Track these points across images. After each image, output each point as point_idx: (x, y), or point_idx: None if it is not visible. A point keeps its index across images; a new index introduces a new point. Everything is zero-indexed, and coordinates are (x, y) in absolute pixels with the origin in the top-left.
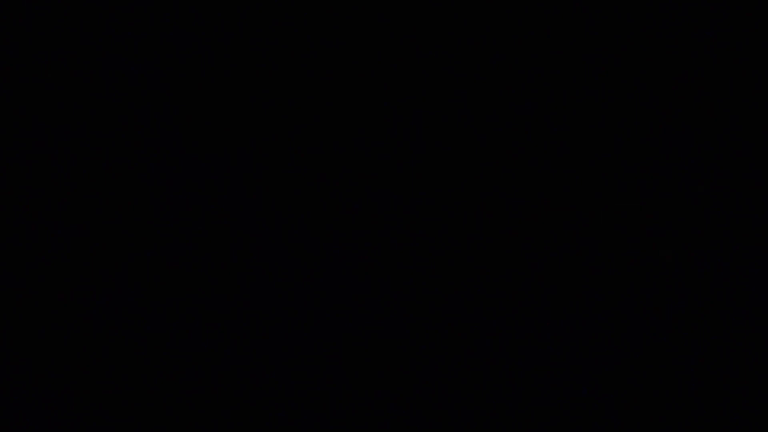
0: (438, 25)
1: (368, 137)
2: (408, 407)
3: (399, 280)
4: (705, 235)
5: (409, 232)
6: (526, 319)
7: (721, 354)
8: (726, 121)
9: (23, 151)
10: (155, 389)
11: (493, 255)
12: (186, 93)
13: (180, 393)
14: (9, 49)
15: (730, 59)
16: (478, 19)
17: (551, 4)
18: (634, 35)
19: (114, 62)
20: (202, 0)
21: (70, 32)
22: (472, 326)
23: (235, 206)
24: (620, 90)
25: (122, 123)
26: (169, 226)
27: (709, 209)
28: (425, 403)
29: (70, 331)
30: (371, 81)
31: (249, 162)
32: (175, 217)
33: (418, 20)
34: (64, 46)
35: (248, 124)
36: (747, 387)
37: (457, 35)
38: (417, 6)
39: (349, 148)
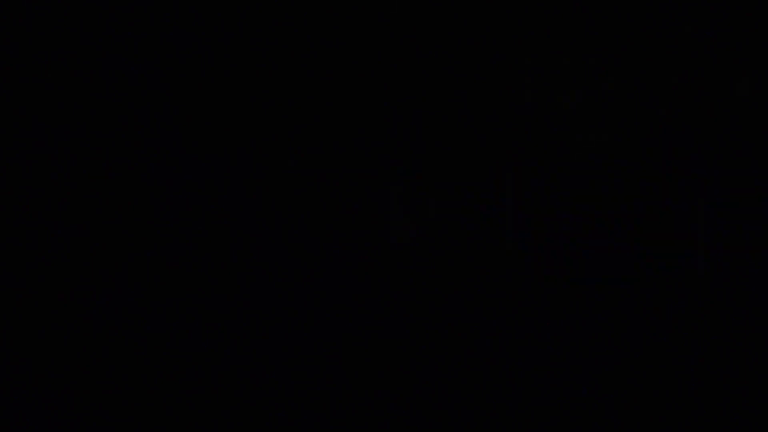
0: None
1: (366, 137)
2: (408, 407)
3: (399, 279)
4: (698, 237)
5: (408, 232)
6: (526, 320)
7: (720, 354)
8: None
9: (23, 151)
10: (155, 388)
11: (492, 255)
12: (186, 93)
13: (180, 392)
14: (9, 49)
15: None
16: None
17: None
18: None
19: (114, 62)
20: (202, 0)
21: (70, 32)
22: (473, 326)
23: (235, 206)
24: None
25: (122, 123)
26: (169, 226)
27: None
28: (425, 402)
29: (70, 331)
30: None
31: (249, 162)
32: (175, 217)
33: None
34: (64, 46)
35: (248, 124)
36: (747, 387)
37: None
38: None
39: (348, 148)
